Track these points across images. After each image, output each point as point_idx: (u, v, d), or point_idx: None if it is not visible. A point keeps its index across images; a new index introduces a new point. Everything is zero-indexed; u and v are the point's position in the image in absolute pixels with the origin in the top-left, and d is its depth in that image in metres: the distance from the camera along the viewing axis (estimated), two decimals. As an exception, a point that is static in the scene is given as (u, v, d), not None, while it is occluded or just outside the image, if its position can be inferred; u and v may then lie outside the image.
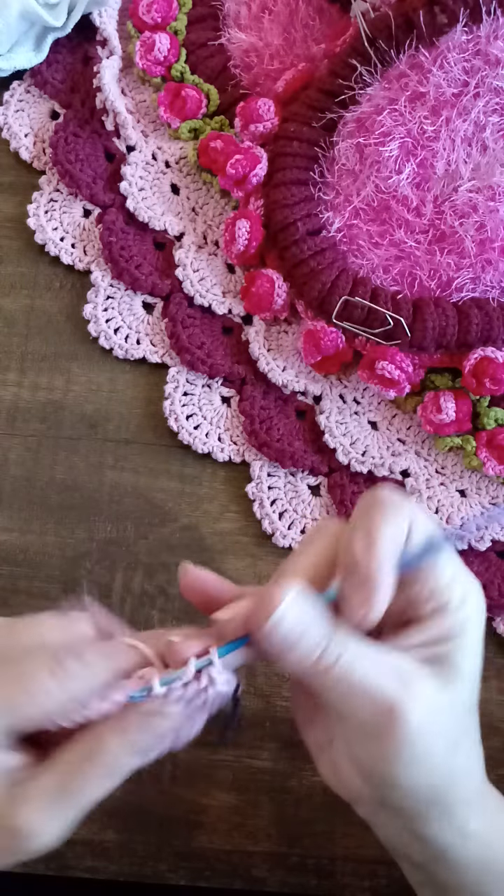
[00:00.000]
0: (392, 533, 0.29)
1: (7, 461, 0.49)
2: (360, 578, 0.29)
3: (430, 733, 0.29)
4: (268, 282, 0.48)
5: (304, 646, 0.29)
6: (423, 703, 0.29)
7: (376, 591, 0.29)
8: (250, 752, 0.44)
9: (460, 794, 0.31)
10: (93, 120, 0.53)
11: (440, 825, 0.31)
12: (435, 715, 0.29)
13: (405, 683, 0.29)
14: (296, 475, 0.48)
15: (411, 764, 0.29)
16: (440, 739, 0.29)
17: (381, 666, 0.29)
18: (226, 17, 0.54)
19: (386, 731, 0.29)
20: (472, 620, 0.31)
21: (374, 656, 0.29)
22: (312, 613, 0.29)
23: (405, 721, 0.29)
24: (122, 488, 0.48)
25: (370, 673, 0.29)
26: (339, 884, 0.43)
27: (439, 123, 0.44)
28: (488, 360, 0.45)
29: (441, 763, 0.30)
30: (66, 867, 0.42)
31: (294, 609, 0.29)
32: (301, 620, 0.29)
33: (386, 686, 0.29)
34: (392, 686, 0.29)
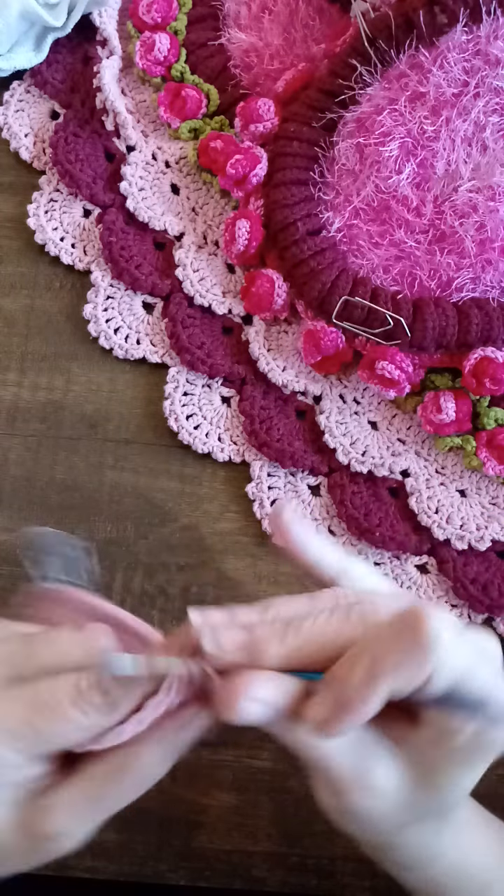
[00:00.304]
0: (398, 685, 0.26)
1: (7, 461, 0.49)
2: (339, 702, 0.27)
3: (373, 816, 0.30)
4: (268, 282, 0.48)
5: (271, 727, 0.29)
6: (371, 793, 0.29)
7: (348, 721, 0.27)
8: (250, 752, 0.44)
9: (400, 860, 0.33)
10: (93, 120, 0.53)
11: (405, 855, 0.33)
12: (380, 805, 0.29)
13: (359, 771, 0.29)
14: (296, 475, 0.48)
15: (354, 826, 0.31)
16: (382, 821, 0.30)
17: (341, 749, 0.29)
18: (226, 17, 0.54)
19: (334, 801, 0.30)
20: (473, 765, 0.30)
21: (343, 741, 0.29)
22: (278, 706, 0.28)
23: (348, 803, 0.29)
24: (122, 488, 0.48)
25: (327, 755, 0.29)
26: (339, 884, 0.43)
27: (439, 123, 0.44)
28: (488, 360, 0.45)
29: (382, 836, 0.31)
30: (66, 867, 0.42)
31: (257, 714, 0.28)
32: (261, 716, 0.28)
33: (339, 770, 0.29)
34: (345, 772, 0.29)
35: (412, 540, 0.46)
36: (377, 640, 0.27)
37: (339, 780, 0.29)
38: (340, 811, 0.30)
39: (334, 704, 0.27)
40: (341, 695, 0.27)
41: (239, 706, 0.27)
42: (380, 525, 0.46)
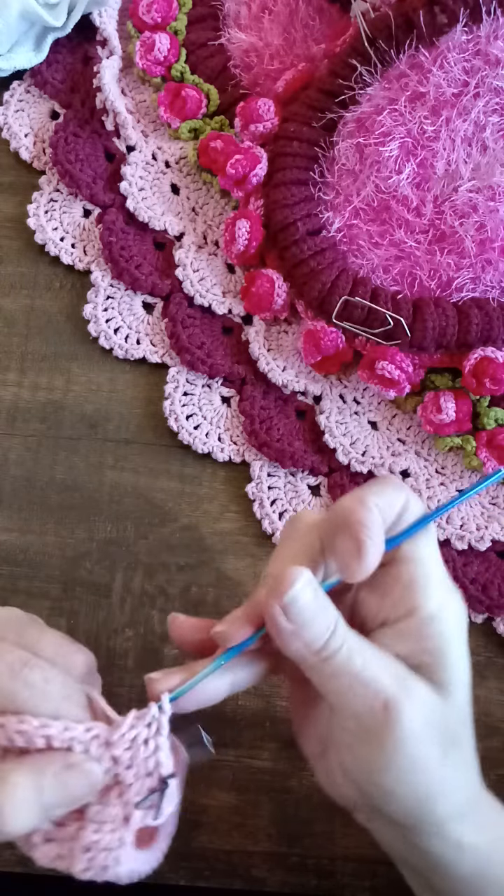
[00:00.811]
0: (383, 502, 0.29)
1: (7, 461, 0.49)
2: (351, 531, 0.29)
3: (423, 738, 0.29)
4: (268, 282, 0.48)
5: (314, 629, 0.29)
6: (418, 705, 0.29)
7: (366, 544, 0.28)
8: (250, 752, 0.44)
9: (452, 808, 0.31)
10: (93, 120, 0.53)
11: (432, 840, 0.31)
12: (428, 720, 0.29)
13: (402, 682, 0.29)
14: (296, 475, 0.48)
15: (403, 771, 0.29)
16: (432, 747, 0.29)
17: (379, 661, 0.29)
18: (226, 17, 0.54)
19: (380, 731, 0.29)
20: (449, 635, 0.30)
21: (372, 651, 0.30)
22: (321, 597, 0.29)
23: (400, 720, 0.28)
24: (122, 488, 0.48)
25: (370, 665, 0.29)
26: (339, 884, 0.43)
27: (439, 123, 0.44)
28: (488, 360, 0.45)
29: (432, 772, 0.29)
30: (66, 867, 0.42)
31: (307, 590, 0.29)
32: (312, 602, 0.29)
33: (385, 681, 0.29)
34: (390, 682, 0.29)
35: (412, 540, 0.46)
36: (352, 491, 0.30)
37: (389, 688, 0.29)
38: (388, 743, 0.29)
39: (350, 538, 0.29)
40: (345, 522, 0.29)
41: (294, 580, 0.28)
42: (380, 525, 0.46)
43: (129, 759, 0.29)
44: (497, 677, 0.45)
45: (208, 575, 0.47)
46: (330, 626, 0.29)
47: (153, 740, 0.29)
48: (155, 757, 0.29)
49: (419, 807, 0.30)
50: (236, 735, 0.44)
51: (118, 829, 0.29)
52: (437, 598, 0.30)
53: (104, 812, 0.30)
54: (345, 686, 0.29)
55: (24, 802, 0.28)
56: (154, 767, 0.29)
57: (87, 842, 0.29)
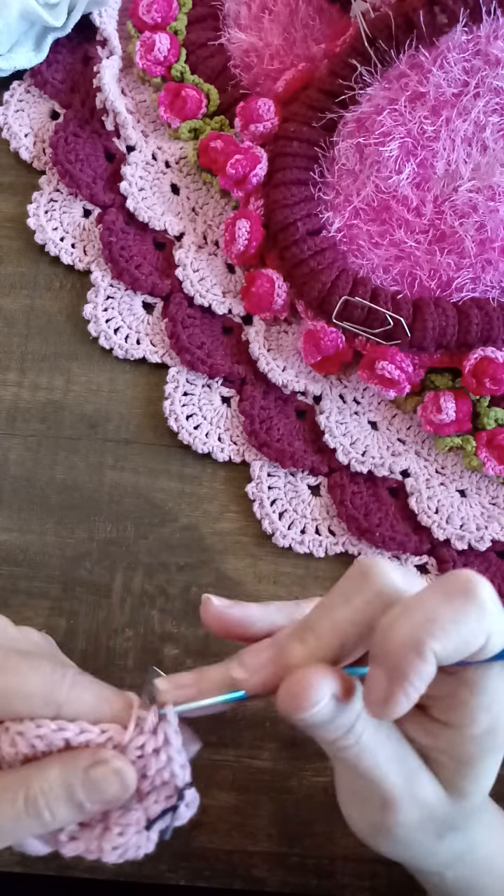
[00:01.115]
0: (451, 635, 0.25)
1: (7, 461, 0.49)
2: (392, 673, 0.25)
3: (417, 830, 0.30)
4: (268, 282, 0.48)
5: (327, 729, 0.28)
6: (419, 806, 0.30)
7: (402, 695, 0.25)
8: (250, 752, 0.44)
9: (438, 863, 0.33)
10: (93, 120, 0.53)
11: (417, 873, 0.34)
12: (427, 816, 0.30)
13: (409, 784, 0.29)
14: (296, 475, 0.48)
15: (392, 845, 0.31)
16: (425, 835, 0.30)
17: (391, 760, 0.29)
18: (226, 17, 0.54)
19: (377, 817, 0.30)
20: (489, 752, 0.29)
21: (388, 746, 0.29)
22: (343, 703, 0.28)
23: (396, 818, 0.29)
24: (122, 488, 0.48)
25: (380, 765, 0.29)
26: (339, 884, 0.43)
27: (439, 123, 0.44)
28: (488, 360, 0.45)
29: (422, 849, 0.31)
30: (66, 867, 0.42)
31: (327, 706, 0.27)
32: (330, 714, 0.28)
33: (389, 782, 0.29)
34: (395, 784, 0.29)
35: (412, 540, 0.46)
36: (423, 599, 0.26)
37: (391, 792, 0.29)
38: (383, 828, 0.30)
39: (388, 674, 0.25)
40: (391, 661, 0.25)
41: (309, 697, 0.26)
42: (380, 525, 0.46)
43: (143, 767, 0.29)
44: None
45: (208, 575, 0.47)
46: (345, 726, 0.28)
47: (163, 751, 0.29)
48: (169, 768, 0.30)
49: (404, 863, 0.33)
50: (236, 735, 0.44)
51: (142, 831, 0.30)
52: (486, 725, 0.28)
53: (127, 816, 0.30)
54: (353, 775, 0.30)
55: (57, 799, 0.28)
56: (170, 777, 0.30)
57: (115, 843, 0.30)
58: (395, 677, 0.25)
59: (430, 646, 0.25)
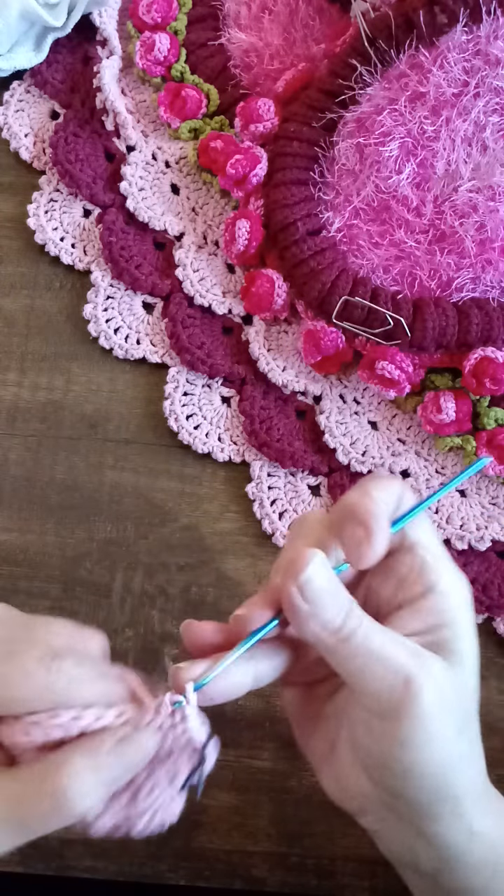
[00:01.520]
0: (384, 494, 0.31)
1: (7, 461, 0.49)
2: (359, 519, 0.30)
3: (442, 712, 0.29)
4: (268, 282, 0.48)
5: (331, 609, 0.29)
6: (436, 680, 0.29)
7: (374, 529, 0.29)
8: (250, 752, 0.44)
9: (467, 787, 0.31)
10: (93, 120, 0.53)
11: (447, 823, 0.31)
12: (445, 694, 0.30)
13: (420, 659, 0.30)
14: (296, 475, 0.48)
15: (423, 746, 0.29)
16: (449, 721, 0.30)
17: (396, 641, 0.30)
18: (226, 17, 0.54)
19: (400, 707, 0.29)
20: (462, 606, 0.32)
21: (389, 632, 0.30)
22: (336, 580, 0.30)
23: (420, 696, 0.29)
24: (122, 488, 0.48)
25: (388, 644, 0.30)
26: (339, 884, 0.43)
27: (439, 123, 0.44)
28: (488, 360, 0.45)
29: (449, 747, 0.30)
30: (66, 867, 0.42)
31: (321, 571, 0.29)
32: (328, 583, 0.29)
33: (403, 659, 0.29)
34: (408, 661, 0.29)
35: (412, 540, 0.46)
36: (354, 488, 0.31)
37: (407, 666, 0.29)
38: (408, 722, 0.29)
39: (358, 525, 0.30)
40: (355, 516, 0.30)
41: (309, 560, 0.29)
42: (380, 525, 0.46)
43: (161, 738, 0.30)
44: (497, 677, 0.45)
45: (208, 575, 0.47)
46: (345, 606, 0.30)
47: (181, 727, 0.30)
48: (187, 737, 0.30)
49: (437, 781, 0.30)
50: (236, 735, 0.44)
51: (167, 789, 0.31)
52: (448, 575, 0.32)
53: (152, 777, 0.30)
54: (364, 665, 0.30)
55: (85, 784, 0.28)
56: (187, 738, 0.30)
57: (142, 807, 0.30)
58: (363, 519, 0.30)
59: (373, 491, 0.30)
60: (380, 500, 0.30)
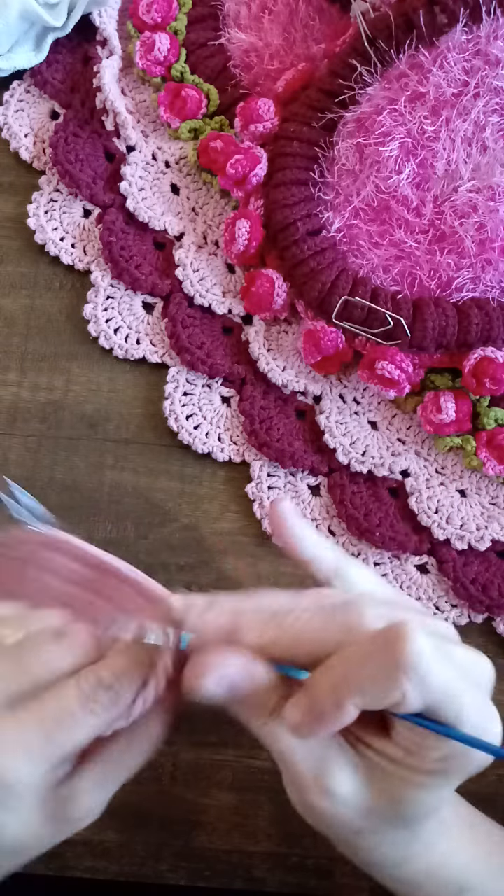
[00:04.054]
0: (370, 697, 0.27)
1: (7, 461, 0.49)
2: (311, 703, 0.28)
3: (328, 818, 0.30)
4: (268, 282, 0.48)
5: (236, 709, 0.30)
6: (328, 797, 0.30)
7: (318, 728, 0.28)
8: (250, 752, 0.44)
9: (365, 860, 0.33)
10: (93, 120, 0.53)
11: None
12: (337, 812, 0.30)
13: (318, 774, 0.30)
14: (296, 475, 0.48)
15: (315, 824, 0.31)
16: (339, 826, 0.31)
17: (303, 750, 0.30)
18: (226, 17, 0.54)
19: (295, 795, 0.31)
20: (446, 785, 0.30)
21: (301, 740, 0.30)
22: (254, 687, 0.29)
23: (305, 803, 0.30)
24: (122, 488, 0.48)
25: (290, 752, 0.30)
26: (338, 884, 0.43)
27: (439, 123, 0.44)
28: (488, 360, 0.45)
29: (342, 838, 0.31)
30: (66, 867, 0.42)
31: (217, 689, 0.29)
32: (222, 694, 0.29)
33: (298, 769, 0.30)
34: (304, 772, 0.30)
35: (412, 540, 0.46)
36: (355, 653, 0.27)
37: (300, 777, 0.30)
38: (302, 806, 0.31)
39: (307, 710, 0.28)
40: (314, 703, 0.28)
41: (202, 680, 0.28)
42: (380, 525, 0.46)
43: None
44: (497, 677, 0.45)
45: (208, 575, 0.47)
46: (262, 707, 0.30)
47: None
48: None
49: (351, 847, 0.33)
50: (236, 735, 0.44)
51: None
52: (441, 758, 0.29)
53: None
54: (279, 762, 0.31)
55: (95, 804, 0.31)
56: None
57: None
58: (313, 711, 0.28)
59: (349, 701, 0.27)
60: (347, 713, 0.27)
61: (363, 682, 0.26)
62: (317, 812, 0.30)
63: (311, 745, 0.29)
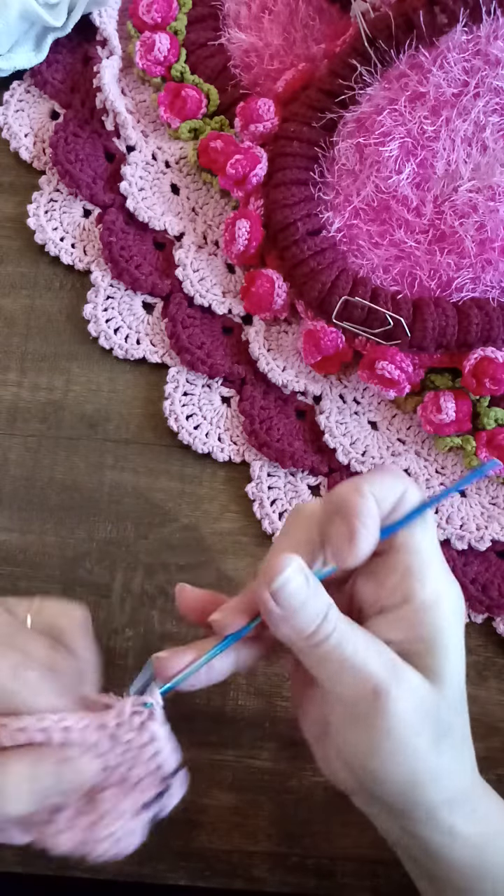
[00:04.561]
0: (379, 490, 0.30)
1: (7, 461, 0.49)
2: (345, 517, 0.29)
3: (413, 725, 0.29)
4: (268, 282, 0.48)
5: (305, 614, 0.29)
6: (408, 692, 0.29)
7: (358, 529, 0.29)
8: (250, 752, 0.44)
9: (444, 795, 0.31)
10: (93, 120, 0.53)
11: (426, 825, 0.31)
12: (418, 707, 0.29)
13: (393, 669, 0.29)
14: (296, 475, 0.48)
15: (392, 756, 0.29)
16: (422, 734, 0.29)
17: (371, 648, 0.30)
18: (226, 17, 0.54)
19: (369, 717, 0.29)
20: (444, 621, 0.30)
21: (364, 638, 0.30)
22: (312, 584, 0.29)
23: (388, 707, 0.29)
24: (122, 488, 0.48)
25: (361, 652, 0.29)
26: (338, 884, 0.43)
27: (439, 123, 0.44)
28: (488, 360, 0.45)
29: (421, 758, 0.30)
30: (66, 867, 0.42)
31: (297, 576, 0.29)
32: (303, 588, 0.29)
33: (375, 667, 0.29)
34: (380, 669, 0.29)
35: (412, 540, 0.46)
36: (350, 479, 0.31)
37: (379, 675, 0.29)
38: (379, 730, 0.29)
39: (343, 522, 0.29)
40: (339, 509, 0.29)
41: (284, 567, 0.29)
42: (380, 525, 0.46)
43: (127, 748, 0.30)
44: (497, 677, 0.45)
45: (208, 575, 0.47)
46: (321, 612, 0.29)
47: (148, 726, 0.30)
48: (154, 748, 0.30)
49: (409, 791, 0.30)
50: (236, 735, 0.44)
51: (130, 820, 0.31)
52: (433, 587, 0.30)
53: (116, 808, 0.31)
54: (335, 672, 0.29)
55: (20, 786, 0.29)
56: (156, 763, 0.30)
57: (104, 834, 0.31)
58: (349, 517, 0.29)
59: (365, 487, 0.29)
60: (370, 498, 0.29)
61: (373, 476, 0.30)
62: (400, 719, 0.29)
63: (373, 642, 0.30)
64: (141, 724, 0.30)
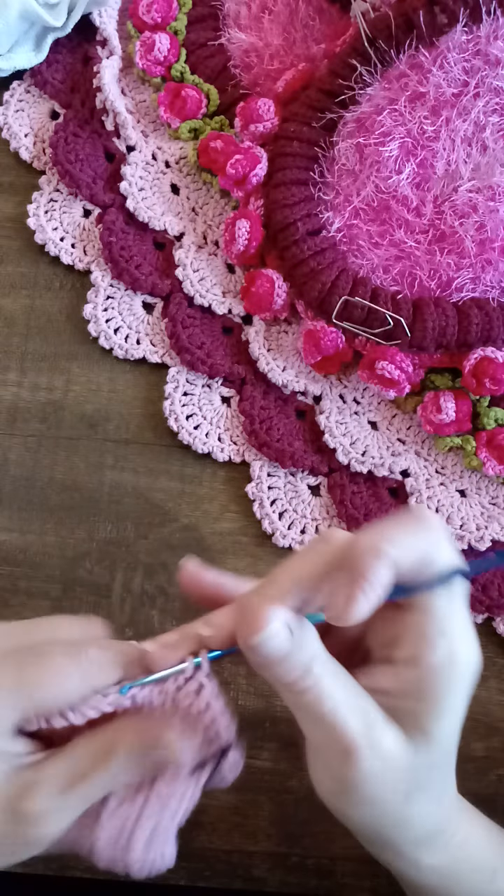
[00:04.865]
0: (403, 552, 0.28)
1: (7, 461, 0.49)
2: (353, 575, 0.27)
3: (382, 784, 0.29)
4: (268, 282, 0.48)
5: (284, 667, 0.28)
6: (381, 755, 0.29)
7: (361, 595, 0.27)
8: (250, 752, 0.44)
9: (411, 836, 0.31)
10: (93, 120, 0.53)
11: (394, 858, 0.32)
12: (390, 769, 0.29)
13: (370, 730, 0.29)
14: (296, 475, 0.48)
15: (359, 805, 0.30)
16: (393, 791, 0.29)
17: (351, 704, 0.29)
18: (226, 17, 0.54)
19: (339, 770, 0.29)
20: (452, 687, 0.29)
21: (347, 692, 0.29)
22: (297, 637, 0.28)
23: (358, 767, 0.29)
24: (122, 488, 0.48)
25: (340, 708, 0.29)
26: (338, 884, 0.43)
27: (439, 123, 0.44)
28: (488, 360, 0.45)
29: (390, 811, 0.30)
30: (66, 867, 0.42)
31: (280, 632, 0.28)
32: (285, 644, 0.28)
33: (350, 727, 0.29)
34: (355, 730, 0.29)
35: (412, 540, 0.46)
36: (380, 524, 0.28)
37: (351, 738, 0.28)
38: (347, 783, 0.29)
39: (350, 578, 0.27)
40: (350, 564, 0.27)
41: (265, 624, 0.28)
42: (380, 525, 0.46)
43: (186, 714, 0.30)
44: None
45: (208, 575, 0.47)
46: (302, 666, 0.28)
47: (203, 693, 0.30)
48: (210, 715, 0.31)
49: (375, 833, 0.31)
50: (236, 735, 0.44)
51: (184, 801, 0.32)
52: (447, 650, 0.29)
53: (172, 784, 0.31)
54: (310, 722, 0.29)
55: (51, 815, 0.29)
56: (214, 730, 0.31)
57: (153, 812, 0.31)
58: (355, 578, 0.27)
59: (386, 549, 0.27)
60: (385, 564, 0.27)
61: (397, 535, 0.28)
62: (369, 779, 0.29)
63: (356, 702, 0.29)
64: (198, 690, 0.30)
